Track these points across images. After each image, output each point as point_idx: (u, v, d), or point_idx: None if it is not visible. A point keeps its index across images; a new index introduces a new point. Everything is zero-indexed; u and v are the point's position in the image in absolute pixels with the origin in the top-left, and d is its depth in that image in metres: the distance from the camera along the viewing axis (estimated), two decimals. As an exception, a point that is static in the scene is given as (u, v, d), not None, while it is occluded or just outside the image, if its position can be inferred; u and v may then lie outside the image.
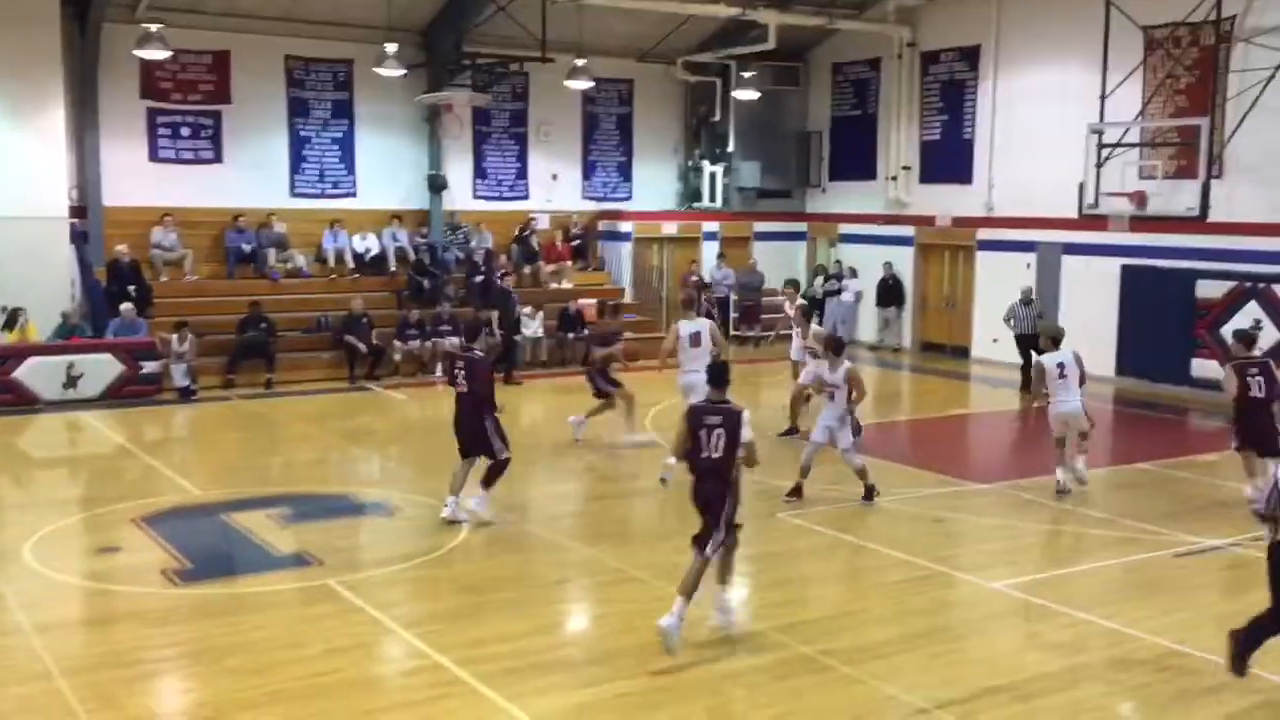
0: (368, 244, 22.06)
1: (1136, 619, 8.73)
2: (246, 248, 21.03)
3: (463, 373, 11.07)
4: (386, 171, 22.73)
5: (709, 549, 8.10)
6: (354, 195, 22.54)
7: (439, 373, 19.86)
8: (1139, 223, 18.62)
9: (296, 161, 22.03)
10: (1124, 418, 17.50)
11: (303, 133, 22.03)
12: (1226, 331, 18.16)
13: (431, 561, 10.09)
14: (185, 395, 17.82)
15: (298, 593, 9.28)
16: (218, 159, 21.24)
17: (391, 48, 20.35)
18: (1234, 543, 10.72)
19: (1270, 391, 11.59)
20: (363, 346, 19.55)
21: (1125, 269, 19.59)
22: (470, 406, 11.02)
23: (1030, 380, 18.36)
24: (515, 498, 12.53)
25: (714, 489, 8.17)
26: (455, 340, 19.62)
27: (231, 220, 20.98)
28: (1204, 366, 18.12)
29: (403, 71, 20.75)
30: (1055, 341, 12.71)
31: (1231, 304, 18.22)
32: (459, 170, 23.54)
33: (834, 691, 7.50)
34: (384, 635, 8.46)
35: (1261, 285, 17.87)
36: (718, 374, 8.53)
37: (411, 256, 22.07)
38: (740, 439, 8.10)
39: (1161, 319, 18.75)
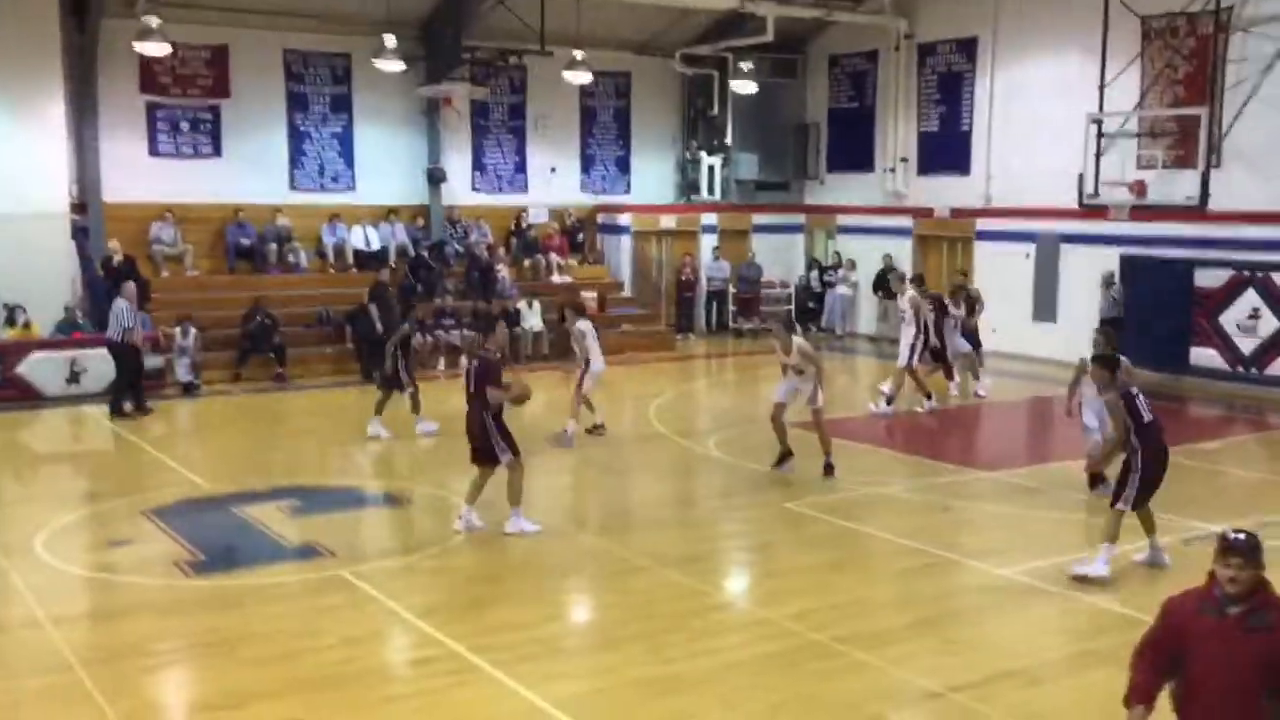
0: (367, 238, 22.08)
1: (1146, 604, 8.74)
2: (246, 242, 21.04)
3: (471, 374, 10.52)
4: (385, 165, 22.74)
5: None
6: (353, 189, 22.55)
7: (441, 366, 19.90)
8: (1138, 212, 18.70)
9: (296, 155, 22.04)
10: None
11: (302, 127, 22.03)
12: (1227, 320, 18.30)
13: (442, 552, 10.14)
14: (188, 390, 17.83)
15: (310, 583, 9.32)
16: (217, 153, 21.26)
17: (390, 41, 20.30)
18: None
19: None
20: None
21: (1124, 258, 19.65)
22: (476, 410, 10.42)
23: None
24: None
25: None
26: (460, 334, 19.59)
27: (233, 215, 20.99)
28: (1203, 355, 18.23)
29: (401, 65, 20.70)
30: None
31: (1230, 292, 18.30)
32: (457, 163, 23.55)
33: (846, 677, 7.55)
34: (398, 624, 8.51)
35: (1260, 274, 17.96)
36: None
37: (410, 251, 22.07)
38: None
39: (1161, 308, 18.81)
